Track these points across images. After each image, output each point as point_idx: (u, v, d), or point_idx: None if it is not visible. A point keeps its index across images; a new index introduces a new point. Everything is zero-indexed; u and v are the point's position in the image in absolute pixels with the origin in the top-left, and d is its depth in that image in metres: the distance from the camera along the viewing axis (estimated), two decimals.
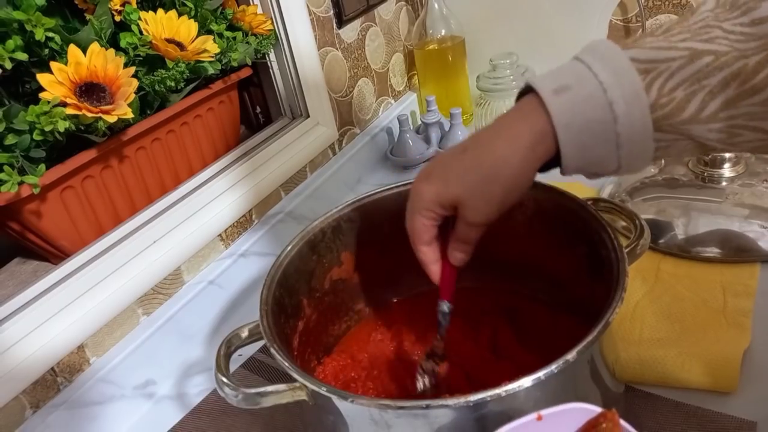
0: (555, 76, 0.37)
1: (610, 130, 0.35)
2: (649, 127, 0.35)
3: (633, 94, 0.35)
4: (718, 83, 0.33)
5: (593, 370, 0.38)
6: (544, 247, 0.49)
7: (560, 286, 0.51)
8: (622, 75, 0.35)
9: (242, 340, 0.44)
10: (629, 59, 0.35)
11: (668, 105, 0.34)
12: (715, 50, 0.34)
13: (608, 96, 0.35)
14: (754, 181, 0.62)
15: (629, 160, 0.37)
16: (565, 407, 0.29)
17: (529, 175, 0.39)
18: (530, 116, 0.37)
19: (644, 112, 0.35)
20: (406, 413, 0.34)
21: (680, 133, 0.35)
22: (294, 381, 0.38)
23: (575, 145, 0.36)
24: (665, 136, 0.36)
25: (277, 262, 0.48)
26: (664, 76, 0.34)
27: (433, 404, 0.33)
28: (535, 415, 0.29)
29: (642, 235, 0.44)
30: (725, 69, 0.33)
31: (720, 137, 0.35)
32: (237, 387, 0.39)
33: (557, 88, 0.36)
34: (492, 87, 0.90)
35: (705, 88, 0.34)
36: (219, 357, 0.42)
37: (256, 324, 0.43)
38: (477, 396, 0.32)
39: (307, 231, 0.51)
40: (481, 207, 0.39)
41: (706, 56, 0.34)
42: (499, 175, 0.38)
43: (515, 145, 0.38)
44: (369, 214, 0.54)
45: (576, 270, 0.47)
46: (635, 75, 0.35)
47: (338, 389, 0.36)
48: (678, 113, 0.34)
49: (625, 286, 0.38)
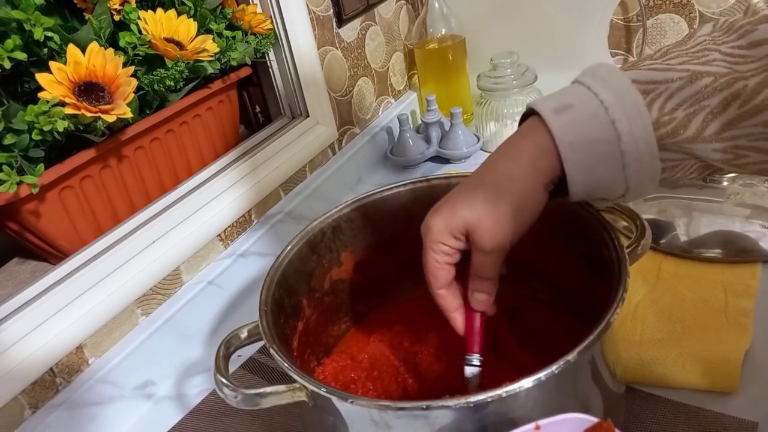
0: (556, 98, 0.37)
1: (614, 150, 0.35)
2: (653, 144, 0.35)
3: (635, 112, 0.34)
4: (718, 104, 0.33)
5: (594, 370, 0.38)
6: (545, 247, 0.49)
7: (561, 287, 0.51)
8: (624, 95, 0.35)
9: (241, 341, 0.44)
10: (629, 80, 0.35)
11: (670, 123, 0.34)
12: (714, 72, 0.34)
13: (610, 114, 0.35)
14: (756, 181, 0.62)
15: (637, 181, 0.36)
16: (562, 417, 0.29)
17: (537, 191, 0.38)
18: (532, 135, 0.37)
19: (648, 129, 0.34)
20: (406, 414, 0.34)
21: (686, 153, 0.35)
22: (294, 382, 0.38)
23: (581, 167, 0.36)
24: (671, 156, 0.35)
25: (277, 263, 0.48)
26: (664, 96, 0.34)
27: (434, 405, 0.33)
28: (533, 425, 0.29)
29: (643, 236, 0.44)
30: (725, 90, 0.33)
31: (725, 158, 0.35)
32: (236, 388, 0.39)
33: (558, 107, 0.36)
34: (492, 86, 0.90)
35: (705, 108, 0.34)
36: (218, 358, 0.41)
37: (255, 324, 0.43)
38: (477, 397, 0.32)
39: (306, 231, 0.51)
40: (492, 228, 0.38)
41: (705, 77, 0.34)
42: (505, 192, 0.38)
43: (518, 162, 0.38)
44: (369, 213, 0.54)
45: (577, 270, 0.47)
46: (637, 94, 0.35)
47: (338, 390, 0.36)
48: (680, 132, 0.34)
49: (626, 287, 0.37)
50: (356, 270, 0.56)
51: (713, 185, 0.63)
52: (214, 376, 0.40)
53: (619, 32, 0.93)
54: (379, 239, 0.55)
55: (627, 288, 0.37)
